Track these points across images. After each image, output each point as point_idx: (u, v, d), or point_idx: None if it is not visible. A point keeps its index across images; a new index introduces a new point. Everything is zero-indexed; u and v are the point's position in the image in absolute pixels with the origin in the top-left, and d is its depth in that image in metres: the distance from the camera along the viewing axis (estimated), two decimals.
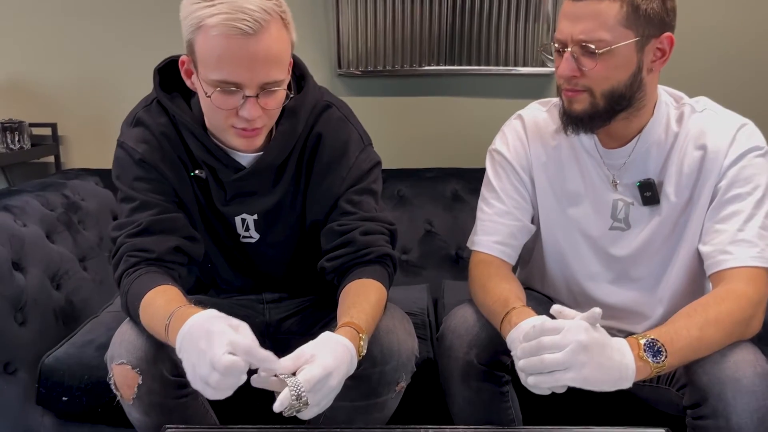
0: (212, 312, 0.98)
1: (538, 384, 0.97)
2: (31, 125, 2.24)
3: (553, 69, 1.19)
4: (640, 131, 1.22)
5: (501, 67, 2.18)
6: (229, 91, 1.07)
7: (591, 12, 1.10)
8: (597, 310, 0.98)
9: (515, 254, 1.32)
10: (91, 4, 2.24)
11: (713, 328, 1.06)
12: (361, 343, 1.05)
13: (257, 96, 1.08)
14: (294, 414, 0.94)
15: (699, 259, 1.21)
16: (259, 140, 1.18)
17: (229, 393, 0.93)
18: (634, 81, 1.14)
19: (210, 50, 1.06)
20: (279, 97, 1.13)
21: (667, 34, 1.14)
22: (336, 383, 0.98)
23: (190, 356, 0.95)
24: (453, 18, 2.14)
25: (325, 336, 1.01)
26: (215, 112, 1.11)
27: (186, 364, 0.95)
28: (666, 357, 1.01)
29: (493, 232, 1.30)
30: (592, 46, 1.10)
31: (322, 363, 0.96)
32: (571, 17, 1.12)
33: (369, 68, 2.20)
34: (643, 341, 1.02)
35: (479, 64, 2.18)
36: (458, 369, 1.21)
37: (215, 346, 0.91)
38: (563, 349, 0.95)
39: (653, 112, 1.21)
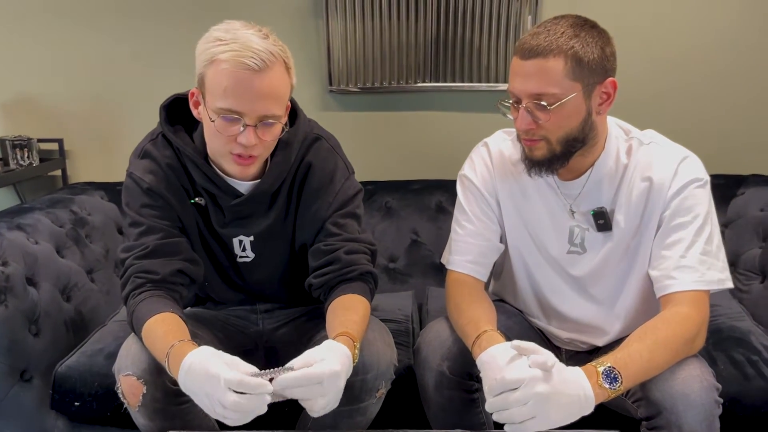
0: (206, 351, 1.08)
1: (513, 431, 1.06)
2: (39, 141, 2.34)
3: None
4: (592, 165, 1.31)
5: (483, 84, 2.29)
6: (231, 119, 1.19)
7: (539, 69, 1.17)
8: (549, 362, 1.05)
9: (487, 272, 1.43)
10: (96, 23, 2.33)
11: (662, 349, 1.16)
12: (356, 351, 1.16)
13: (256, 126, 1.20)
14: (284, 398, 1.05)
15: (651, 280, 1.30)
16: (253, 169, 1.29)
17: (249, 419, 1.04)
18: (585, 125, 1.23)
19: (219, 81, 1.17)
20: (275, 131, 1.24)
21: (610, 79, 1.22)
22: (343, 384, 1.09)
23: (199, 397, 1.05)
24: (437, 38, 2.25)
25: (329, 343, 1.13)
26: (217, 138, 1.23)
27: (197, 401, 1.06)
28: (621, 383, 1.10)
29: (466, 252, 1.41)
30: (544, 103, 1.18)
31: (331, 364, 1.07)
32: (522, 75, 1.19)
33: (359, 85, 2.32)
34: (601, 369, 1.10)
35: (463, 81, 2.29)
36: (432, 379, 1.32)
37: (218, 390, 1.01)
38: (527, 403, 1.03)
39: (604, 146, 1.30)
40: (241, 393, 1.02)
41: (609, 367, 1.11)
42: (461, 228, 1.43)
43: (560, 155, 1.25)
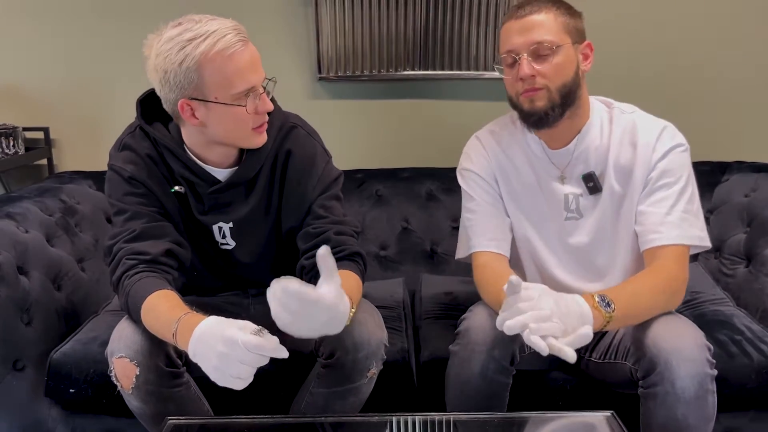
0: (217, 318, 1.10)
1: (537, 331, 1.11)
2: (24, 129, 2.32)
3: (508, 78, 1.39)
4: (579, 132, 1.42)
5: (471, 72, 2.30)
6: (253, 95, 1.25)
7: (537, 22, 1.33)
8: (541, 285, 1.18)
9: (507, 247, 1.48)
10: (80, 10, 2.31)
11: (647, 293, 1.30)
12: (352, 309, 1.19)
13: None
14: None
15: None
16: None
17: (248, 382, 1.06)
18: (576, 78, 1.36)
19: (224, 71, 1.22)
20: (269, 89, 1.31)
21: (587, 41, 1.39)
22: (324, 319, 1.09)
23: (210, 361, 1.06)
24: (426, 26, 2.26)
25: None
26: (246, 121, 1.28)
27: (207, 367, 1.07)
28: (614, 309, 1.21)
29: (483, 232, 1.46)
30: (548, 45, 1.32)
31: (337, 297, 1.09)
32: (520, 30, 1.34)
33: (348, 73, 2.31)
34: (595, 295, 1.22)
35: (451, 69, 2.30)
36: (479, 362, 1.33)
37: (237, 350, 1.03)
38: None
39: (589, 115, 1.42)
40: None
41: (603, 294, 1.23)
42: (472, 214, 1.48)
43: (558, 106, 1.35)
